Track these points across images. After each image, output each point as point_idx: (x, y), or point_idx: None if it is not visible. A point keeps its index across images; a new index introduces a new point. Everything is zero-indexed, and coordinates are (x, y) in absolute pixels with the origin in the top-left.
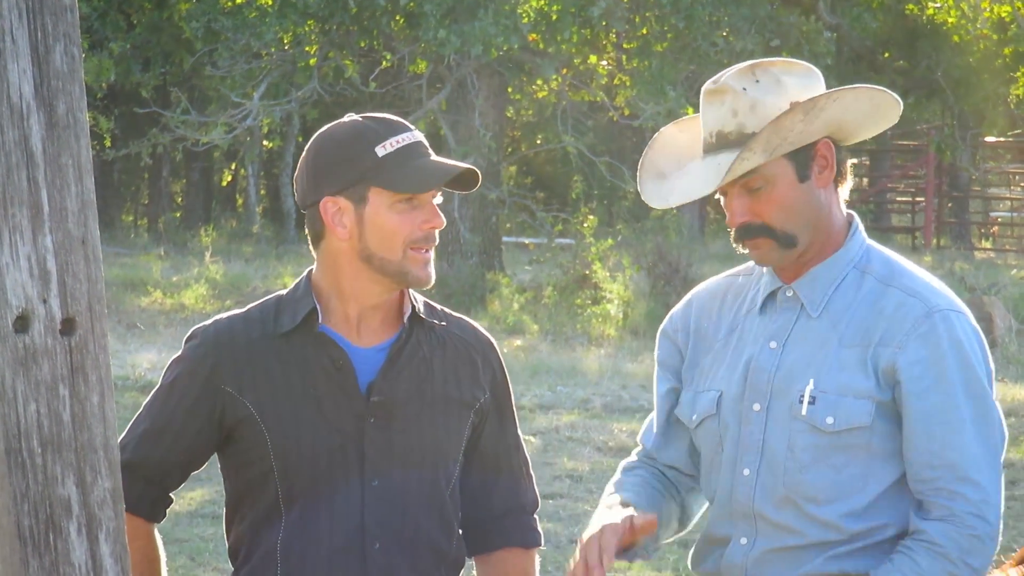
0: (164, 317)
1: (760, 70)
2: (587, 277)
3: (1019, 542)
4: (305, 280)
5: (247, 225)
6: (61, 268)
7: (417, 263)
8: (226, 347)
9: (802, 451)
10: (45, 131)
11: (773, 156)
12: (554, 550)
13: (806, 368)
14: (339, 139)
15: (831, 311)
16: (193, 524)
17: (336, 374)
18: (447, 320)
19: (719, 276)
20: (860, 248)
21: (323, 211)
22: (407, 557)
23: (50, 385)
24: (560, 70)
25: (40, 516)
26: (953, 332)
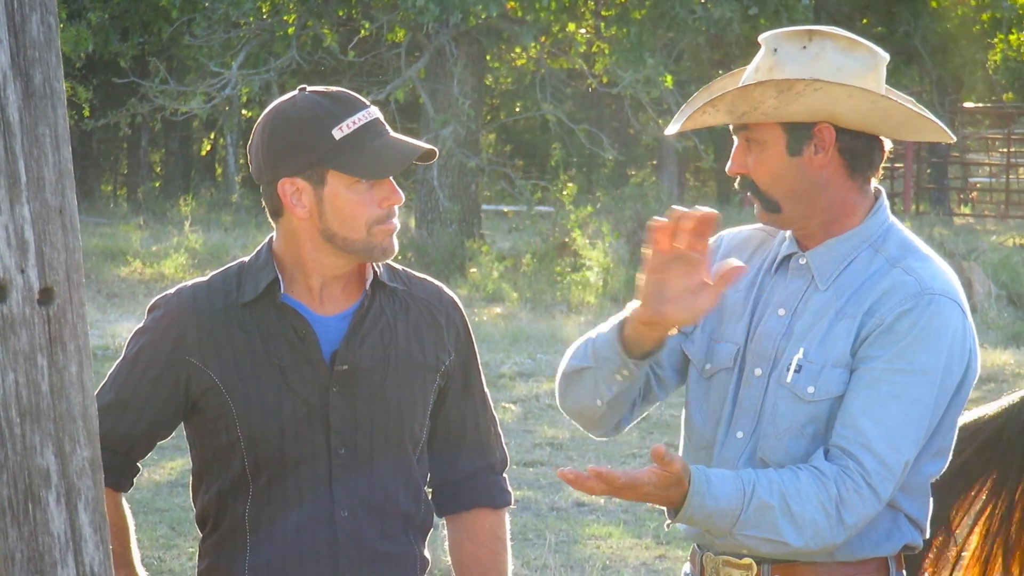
0: (144, 287)
1: (817, 38)
2: (566, 245)
3: None
4: (267, 248)
5: (226, 194)
6: (39, 238)
7: (383, 235)
8: (189, 318)
9: (782, 418)
10: (22, 101)
11: (738, 120)
12: (534, 517)
13: (803, 338)
14: (295, 120)
15: (838, 285)
16: (173, 494)
17: (299, 344)
18: (410, 283)
19: (751, 226)
20: (880, 227)
21: (281, 191)
22: (376, 523)
23: (28, 355)
24: (538, 38)
25: (19, 486)
26: (934, 316)
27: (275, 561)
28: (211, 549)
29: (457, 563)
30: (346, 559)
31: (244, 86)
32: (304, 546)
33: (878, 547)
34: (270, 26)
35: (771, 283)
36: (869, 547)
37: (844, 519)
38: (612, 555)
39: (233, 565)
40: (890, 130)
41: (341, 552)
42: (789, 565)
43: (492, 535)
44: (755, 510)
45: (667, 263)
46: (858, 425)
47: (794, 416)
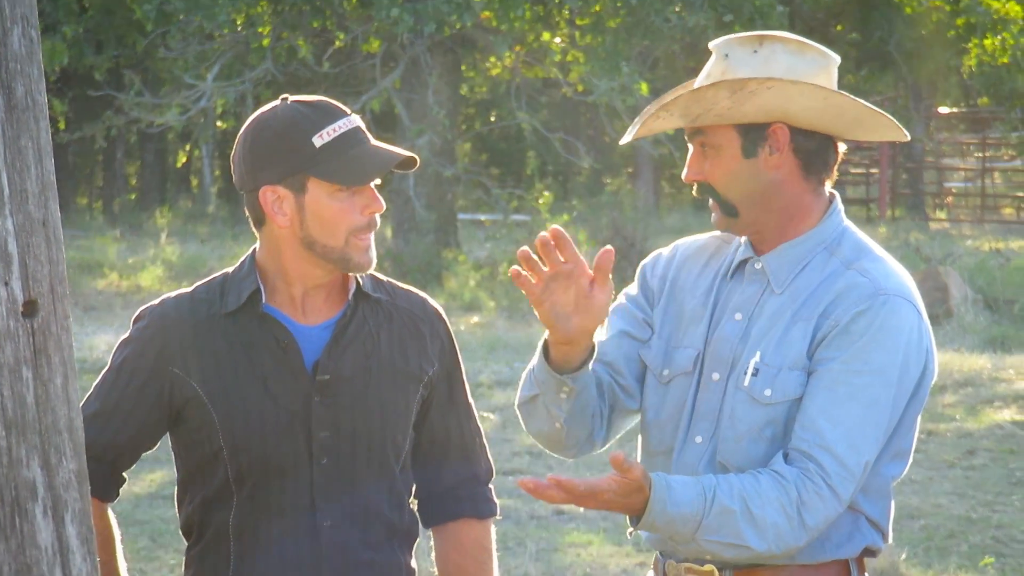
0: (121, 299)
1: (767, 42)
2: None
3: (977, 511)
4: (250, 259)
5: (202, 206)
6: (22, 250)
7: (358, 250)
8: (173, 328)
9: (740, 421)
10: (4, 113)
11: (695, 123)
12: (514, 526)
13: (759, 341)
14: (276, 128)
15: (793, 288)
16: (153, 506)
17: (281, 353)
18: (394, 293)
19: (706, 235)
20: (834, 230)
21: (262, 199)
22: (359, 532)
23: (13, 367)
24: (513, 47)
25: (5, 499)
26: (889, 316)
27: (259, 570)
28: (196, 559)
29: (443, 573)
30: (329, 568)
31: (219, 98)
32: (287, 555)
33: (839, 549)
34: (244, 38)
35: (727, 288)
36: (830, 549)
37: (805, 521)
38: (592, 563)
39: (218, 574)
40: (844, 128)
41: (324, 561)
42: (751, 570)
43: (478, 545)
44: (716, 515)
45: (547, 288)
46: (817, 427)
47: (752, 419)
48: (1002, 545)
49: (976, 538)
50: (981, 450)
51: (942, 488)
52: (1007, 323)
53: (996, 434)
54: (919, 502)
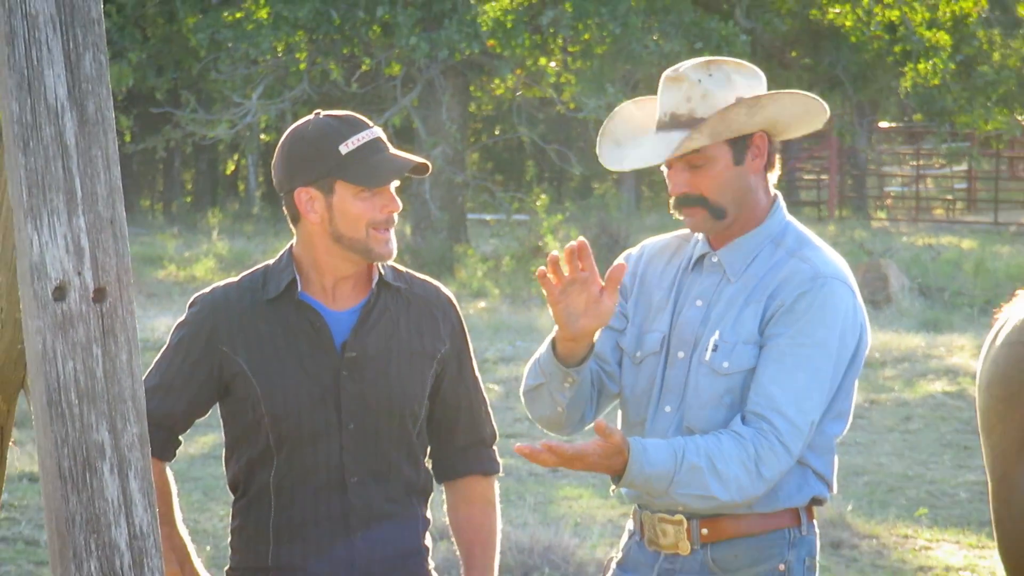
0: (178, 287)
1: (715, 66)
2: (540, 248)
3: (913, 469)
4: (287, 253)
5: (248, 207)
6: (93, 245)
7: (379, 242)
8: (222, 312)
9: (703, 391)
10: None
11: (716, 140)
12: (515, 482)
13: (716, 322)
14: (308, 137)
15: (746, 277)
16: (206, 465)
17: (314, 335)
18: (412, 283)
19: (669, 235)
20: (779, 224)
21: (297, 199)
22: (382, 488)
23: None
24: (515, 71)
25: (78, 458)
26: (828, 296)
27: (296, 521)
28: (241, 511)
29: (454, 523)
30: (356, 519)
31: (262, 114)
32: (320, 508)
33: (791, 499)
34: (284, 63)
35: (689, 280)
36: (783, 499)
37: (762, 473)
38: (583, 514)
39: (260, 524)
40: (805, 126)
41: (352, 513)
42: (715, 519)
43: (483, 499)
44: (686, 472)
45: (564, 290)
46: (769, 393)
47: (713, 388)
48: (934, 498)
49: (912, 492)
50: (916, 417)
51: (883, 449)
52: (939, 308)
53: (929, 403)
54: (863, 461)
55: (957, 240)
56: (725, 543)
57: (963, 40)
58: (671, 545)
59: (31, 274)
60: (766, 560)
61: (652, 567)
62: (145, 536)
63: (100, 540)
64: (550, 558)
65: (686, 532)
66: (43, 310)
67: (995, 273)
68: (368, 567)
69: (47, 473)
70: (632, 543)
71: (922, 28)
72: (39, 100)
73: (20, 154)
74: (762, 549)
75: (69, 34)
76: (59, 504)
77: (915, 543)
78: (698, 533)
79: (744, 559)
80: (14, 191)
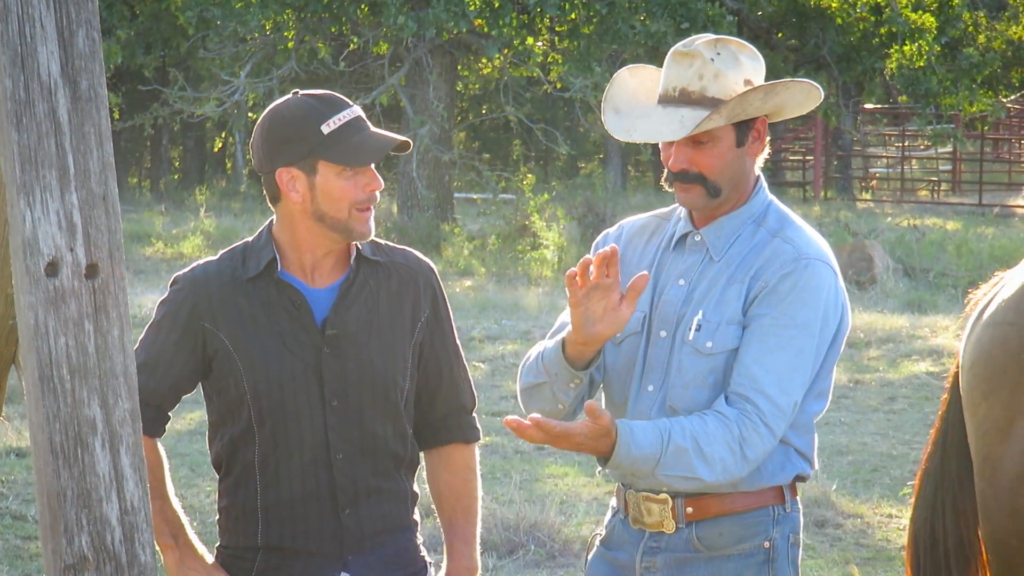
0: (166, 264)
1: (721, 45)
2: (526, 227)
3: (897, 449)
4: (266, 231)
5: (235, 185)
6: (85, 221)
7: (360, 221)
8: (202, 290)
9: (687, 370)
10: (70, 104)
11: (731, 122)
12: (501, 459)
13: (699, 302)
14: (288, 117)
15: (728, 256)
16: (192, 441)
17: (295, 312)
18: (391, 253)
19: (647, 214)
20: (762, 204)
21: (278, 179)
22: (368, 463)
23: (77, 321)
24: (502, 50)
25: (69, 433)
26: (811, 278)
27: (283, 500)
28: (228, 490)
29: (435, 490)
30: (343, 495)
31: (250, 92)
32: (307, 486)
33: (774, 477)
34: (273, 41)
35: (670, 259)
36: (767, 477)
37: (747, 455)
38: (568, 491)
39: (248, 504)
40: (799, 110)
41: (339, 490)
42: (699, 498)
43: (464, 466)
44: (672, 453)
45: (587, 295)
46: (752, 373)
47: (697, 368)
48: None
49: (896, 472)
50: (900, 397)
51: (867, 429)
52: (923, 288)
53: (914, 383)
54: (847, 441)
55: (942, 221)
56: (710, 521)
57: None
58: (656, 523)
59: (23, 250)
60: (751, 538)
61: (637, 545)
62: (136, 511)
63: (91, 515)
64: (536, 535)
65: (671, 511)
66: (35, 286)
67: (979, 254)
68: (358, 543)
69: (39, 448)
70: (616, 521)
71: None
72: (32, 77)
73: (13, 130)
74: (747, 527)
75: (62, 11)
76: (50, 479)
77: (899, 522)
78: (683, 511)
79: (729, 537)
80: (7, 167)
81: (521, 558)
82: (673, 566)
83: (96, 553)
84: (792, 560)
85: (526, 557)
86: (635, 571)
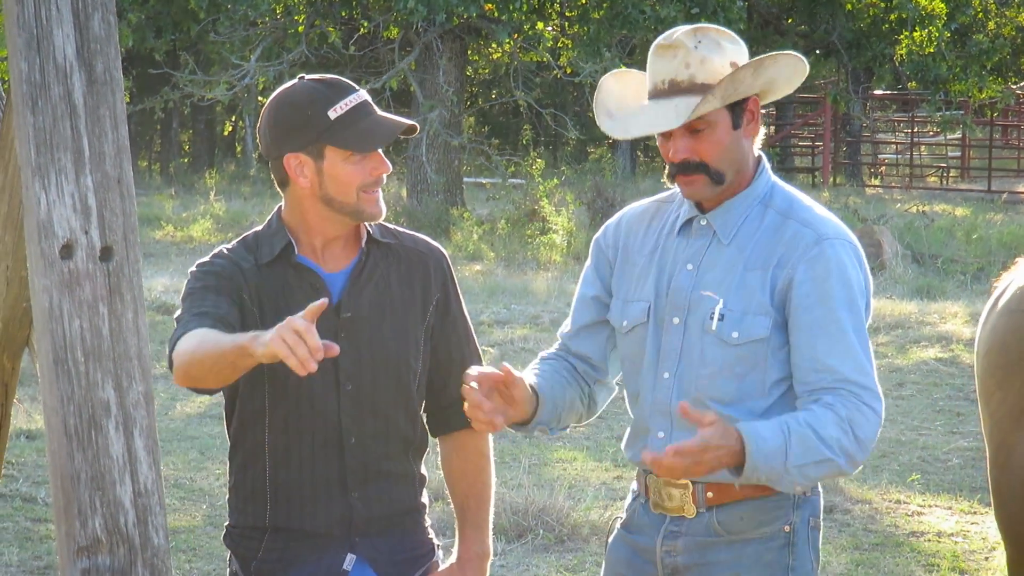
0: (175, 247)
1: (701, 33)
2: (536, 211)
3: (906, 435)
4: (276, 217)
5: (245, 169)
6: (100, 204)
7: (369, 202)
8: (237, 266)
9: (711, 360)
10: (86, 87)
11: (725, 103)
12: (510, 444)
13: (717, 289)
14: (295, 103)
15: (738, 239)
16: (202, 424)
17: (314, 295)
18: (401, 237)
19: (647, 200)
20: (766, 185)
21: (286, 165)
22: (380, 447)
23: (91, 304)
24: (512, 35)
25: (83, 416)
26: (837, 257)
27: (293, 481)
28: (238, 469)
29: (448, 475)
30: (353, 479)
31: (261, 76)
32: (317, 469)
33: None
34: (283, 25)
35: (675, 244)
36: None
37: (858, 436)
38: (577, 476)
39: (257, 484)
40: (789, 86)
41: (349, 473)
42: (719, 482)
43: (477, 451)
44: (797, 442)
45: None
46: (829, 367)
47: (723, 358)
48: (926, 464)
49: (905, 458)
50: (909, 383)
51: None
52: (932, 275)
53: (922, 369)
54: None
55: (951, 208)
56: (730, 505)
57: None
58: (676, 508)
59: (38, 232)
60: (771, 522)
61: (657, 529)
62: (150, 493)
63: (105, 497)
64: (544, 520)
65: (691, 495)
66: (50, 268)
67: (988, 240)
68: (366, 525)
69: (52, 431)
70: (637, 505)
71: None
72: (48, 59)
73: (28, 113)
74: (767, 511)
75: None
76: (64, 461)
77: (907, 508)
78: (703, 496)
79: (749, 521)
80: (22, 149)
81: (530, 542)
82: (694, 550)
83: (109, 535)
84: (812, 544)
85: (535, 541)
86: (655, 555)
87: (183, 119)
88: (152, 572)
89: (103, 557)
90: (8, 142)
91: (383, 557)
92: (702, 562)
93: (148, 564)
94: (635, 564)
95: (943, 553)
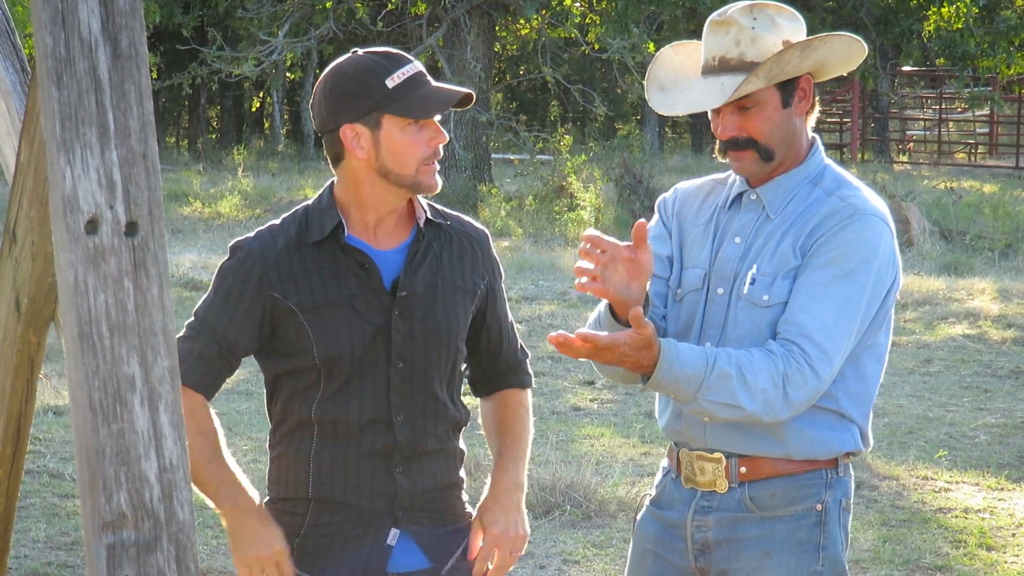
0: (203, 224)
1: (758, 10)
2: (563, 188)
3: (933, 411)
4: (328, 193)
5: (273, 145)
6: (125, 179)
7: (427, 174)
8: (269, 257)
9: (742, 323)
10: (111, 61)
11: (771, 83)
12: (538, 420)
13: (755, 257)
14: (352, 73)
15: (784, 214)
16: (230, 400)
17: (364, 275)
18: (450, 219)
19: (701, 179)
20: (818, 165)
21: (343, 136)
22: (428, 425)
23: (116, 279)
24: (540, 10)
25: (108, 391)
26: (864, 230)
27: (338, 456)
28: (282, 440)
29: (488, 426)
30: (399, 455)
31: (288, 52)
32: (363, 445)
33: (830, 450)
34: (311, 1)
35: (726, 217)
36: (822, 450)
37: (788, 393)
38: (604, 452)
39: (301, 455)
40: (845, 66)
41: (396, 450)
42: (753, 458)
43: (519, 404)
44: (716, 378)
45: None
46: (798, 320)
47: (754, 321)
48: (954, 440)
49: (932, 434)
50: (936, 359)
51: (903, 391)
52: (959, 251)
53: (950, 346)
54: (883, 403)
55: (978, 184)
56: (763, 482)
57: None
58: (708, 483)
59: (63, 207)
60: (803, 500)
61: (688, 504)
62: (175, 468)
63: (130, 472)
64: (572, 496)
65: (724, 470)
66: (75, 243)
67: (1016, 217)
68: (409, 500)
69: (78, 405)
70: (668, 480)
71: None
72: (72, 34)
73: (53, 88)
74: (799, 488)
75: None
76: (89, 436)
77: (934, 484)
78: (736, 471)
79: (781, 498)
80: (47, 124)
81: (557, 519)
82: (725, 525)
83: (135, 510)
84: (843, 524)
85: (562, 518)
86: (686, 530)
87: (211, 95)
88: (177, 547)
89: (128, 532)
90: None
91: (425, 531)
92: (733, 537)
93: (173, 539)
94: (665, 540)
95: (970, 529)
